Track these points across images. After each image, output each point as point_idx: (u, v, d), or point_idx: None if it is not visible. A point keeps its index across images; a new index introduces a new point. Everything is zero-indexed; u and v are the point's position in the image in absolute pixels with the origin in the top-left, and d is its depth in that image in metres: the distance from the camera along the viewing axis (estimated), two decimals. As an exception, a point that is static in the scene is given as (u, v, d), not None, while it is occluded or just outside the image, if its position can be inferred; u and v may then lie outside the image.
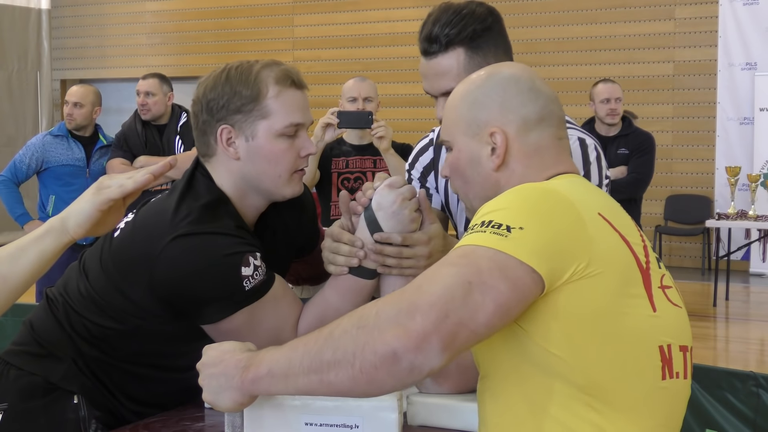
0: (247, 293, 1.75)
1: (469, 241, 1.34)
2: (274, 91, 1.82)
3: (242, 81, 1.82)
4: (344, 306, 1.77)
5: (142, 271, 1.77)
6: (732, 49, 8.95)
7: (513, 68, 1.57)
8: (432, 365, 1.25)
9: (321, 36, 10.23)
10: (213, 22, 11.43)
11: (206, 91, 1.85)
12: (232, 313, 1.77)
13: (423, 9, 11.54)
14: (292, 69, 1.89)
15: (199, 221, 1.77)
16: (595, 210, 1.40)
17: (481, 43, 2.04)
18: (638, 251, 1.41)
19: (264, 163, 1.84)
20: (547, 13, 9.64)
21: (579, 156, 1.95)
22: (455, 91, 1.57)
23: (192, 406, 1.88)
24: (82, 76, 12.20)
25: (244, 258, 1.74)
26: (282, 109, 1.83)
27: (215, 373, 1.42)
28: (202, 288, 1.75)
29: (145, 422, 1.81)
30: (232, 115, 1.83)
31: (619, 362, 1.34)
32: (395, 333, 1.25)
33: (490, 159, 1.50)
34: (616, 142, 5.55)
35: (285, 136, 1.84)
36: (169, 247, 1.74)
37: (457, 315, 1.26)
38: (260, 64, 1.86)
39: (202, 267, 1.74)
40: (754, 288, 8.47)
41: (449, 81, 2.02)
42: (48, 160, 5.37)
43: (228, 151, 1.84)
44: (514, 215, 1.33)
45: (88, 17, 12.38)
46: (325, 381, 1.30)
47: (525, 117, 1.50)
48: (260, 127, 1.82)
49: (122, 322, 1.84)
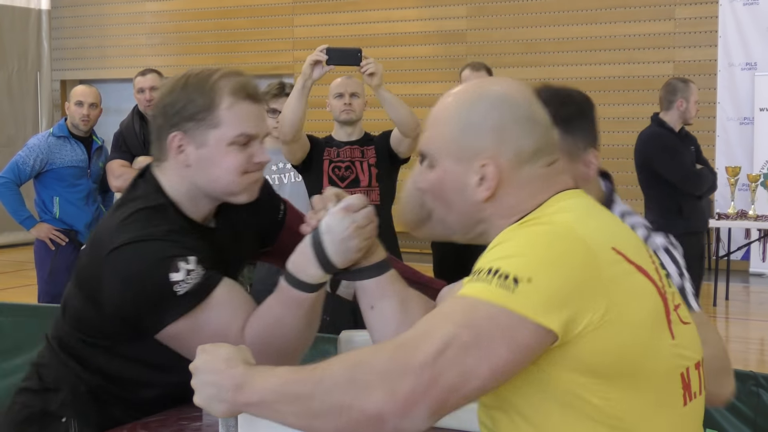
0: (180, 299, 1.73)
1: (472, 291, 1.27)
2: (227, 102, 1.82)
3: (198, 89, 1.83)
4: (287, 317, 1.74)
5: (96, 289, 1.81)
6: (732, 49, 8.95)
7: (510, 88, 1.45)
8: (417, 428, 1.24)
9: (321, 36, 10.21)
10: (213, 22, 11.42)
11: (164, 96, 1.87)
12: (172, 320, 1.75)
13: (423, 9, 11.61)
14: (250, 81, 1.89)
15: (129, 230, 1.78)
16: (609, 244, 1.32)
17: (574, 126, 2.09)
18: (655, 278, 1.35)
19: (214, 171, 1.84)
20: (547, 13, 9.63)
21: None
22: (446, 104, 1.47)
23: (189, 406, 1.88)
24: (82, 76, 12.20)
25: (171, 264, 1.72)
26: (233, 119, 1.83)
27: (209, 381, 1.40)
28: (136, 299, 1.75)
29: (143, 422, 1.81)
30: (185, 122, 1.83)
31: (644, 398, 1.30)
32: (383, 394, 1.22)
33: (477, 189, 1.40)
34: (686, 140, 5.53)
35: (236, 144, 1.83)
36: (105, 265, 1.77)
37: (449, 380, 1.22)
38: (219, 74, 1.85)
39: (132, 278, 1.74)
40: (754, 288, 8.47)
41: None
42: (52, 162, 5.34)
43: (179, 157, 1.84)
44: (522, 264, 1.25)
45: (88, 17, 12.37)
46: (313, 426, 1.30)
47: (520, 150, 1.41)
48: (211, 136, 1.82)
49: (105, 339, 1.87)
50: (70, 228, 5.38)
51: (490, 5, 9.86)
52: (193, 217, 1.89)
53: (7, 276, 9.76)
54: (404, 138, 4.19)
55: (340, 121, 4.33)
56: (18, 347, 4.45)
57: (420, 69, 9.99)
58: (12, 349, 4.45)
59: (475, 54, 9.79)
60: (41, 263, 5.43)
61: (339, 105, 4.31)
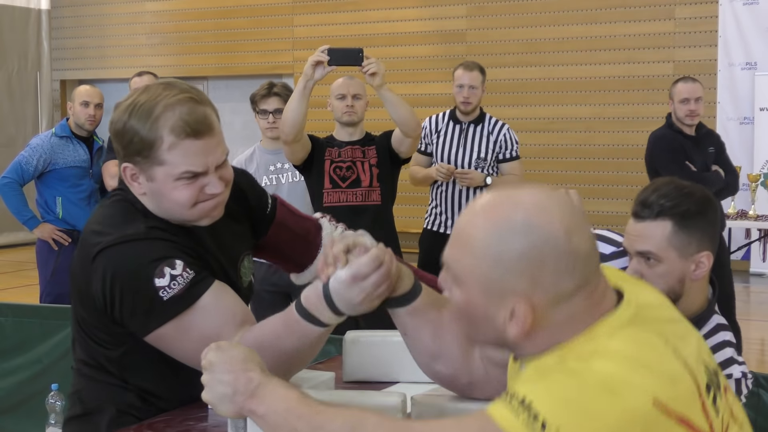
0: (166, 303, 1.73)
1: (498, 415, 1.21)
2: (168, 141, 1.76)
3: (141, 123, 1.77)
4: (289, 340, 1.72)
5: (87, 292, 1.81)
6: (732, 49, 8.95)
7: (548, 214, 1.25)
8: None
9: (321, 36, 10.21)
10: (213, 22, 11.42)
11: (114, 121, 1.82)
12: (158, 325, 1.75)
13: (423, 9, 11.59)
14: (194, 114, 1.78)
15: (114, 228, 1.79)
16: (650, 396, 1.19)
17: (690, 224, 2.12)
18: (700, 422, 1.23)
19: (165, 203, 1.82)
20: (547, 13, 9.64)
21: None
22: (474, 225, 1.29)
23: (195, 406, 1.89)
24: (82, 76, 12.20)
25: (156, 269, 1.72)
26: (176, 159, 1.77)
27: (224, 380, 1.42)
28: (122, 302, 1.76)
29: (149, 422, 1.82)
30: (133, 156, 1.80)
31: None
32: None
33: (507, 324, 1.27)
34: (702, 142, 5.39)
35: (183, 179, 1.79)
36: (92, 267, 1.77)
37: None
38: (163, 104, 1.77)
39: (117, 282, 1.75)
40: (754, 288, 8.47)
41: (648, 246, 2.13)
42: (55, 162, 5.35)
43: (134, 185, 1.83)
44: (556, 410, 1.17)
45: (88, 17, 12.37)
46: None
47: (558, 291, 1.25)
48: (157, 171, 1.79)
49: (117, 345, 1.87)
50: (73, 228, 5.38)
51: (490, 5, 9.86)
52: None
53: (8, 276, 9.76)
54: (405, 138, 4.19)
55: (342, 122, 4.34)
56: (19, 347, 4.45)
57: (420, 69, 9.99)
58: (13, 349, 4.45)
59: (475, 54, 9.79)
60: (44, 263, 5.43)
61: (341, 106, 4.30)
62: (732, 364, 2.16)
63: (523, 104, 9.71)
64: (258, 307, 3.37)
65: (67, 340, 4.34)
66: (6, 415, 4.44)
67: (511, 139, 5.18)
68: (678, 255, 2.11)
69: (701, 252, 2.13)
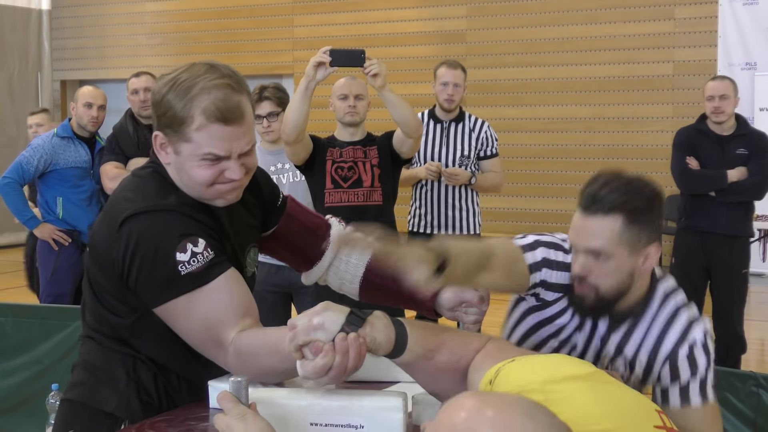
0: (182, 278, 1.77)
1: None
2: (198, 122, 1.82)
3: (178, 98, 1.84)
4: (283, 364, 1.71)
5: (108, 260, 1.84)
6: (732, 49, 8.95)
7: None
8: None
9: (321, 36, 10.23)
10: (213, 22, 11.43)
11: (156, 91, 1.89)
12: (171, 298, 1.79)
13: (423, 9, 11.56)
14: (228, 101, 1.83)
15: (145, 196, 1.85)
16: None
17: (640, 219, 2.07)
18: None
19: (185, 177, 1.89)
20: (547, 13, 9.64)
21: None
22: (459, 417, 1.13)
23: (197, 406, 1.89)
24: (83, 76, 12.21)
25: (180, 243, 1.78)
26: (202, 140, 1.83)
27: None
28: (141, 269, 1.80)
29: (150, 421, 1.82)
30: (164, 127, 1.87)
31: None
32: None
33: None
34: (733, 142, 5.36)
35: (206, 160, 1.85)
36: (117, 233, 1.82)
37: None
38: (201, 86, 1.83)
39: (140, 249, 1.79)
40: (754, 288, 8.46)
41: (599, 242, 2.07)
42: (56, 162, 5.35)
43: (161, 154, 1.90)
44: None
45: (89, 18, 12.37)
46: None
47: None
48: (183, 147, 1.86)
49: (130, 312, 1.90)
50: (74, 228, 5.39)
51: (490, 5, 9.86)
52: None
53: (8, 276, 9.76)
54: (407, 138, 4.20)
55: (344, 122, 4.34)
56: (19, 347, 4.46)
57: (420, 69, 9.99)
58: (12, 349, 4.46)
59: (475, 54, 9.80)
60: (44, 263, 5.44)
61: (343, 107, 4.31)
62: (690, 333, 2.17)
63: (523, 104, 9.71)
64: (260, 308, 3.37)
65: (67, 340, 4.35)
66: (6, 415, 4.44)
67: (492, 136, 5.21)
68: (629, 251, 2.07)
69: (650, 245, 2.09)
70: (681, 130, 5.57)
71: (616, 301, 2.14)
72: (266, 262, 4.42)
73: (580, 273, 2.11)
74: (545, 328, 2.29)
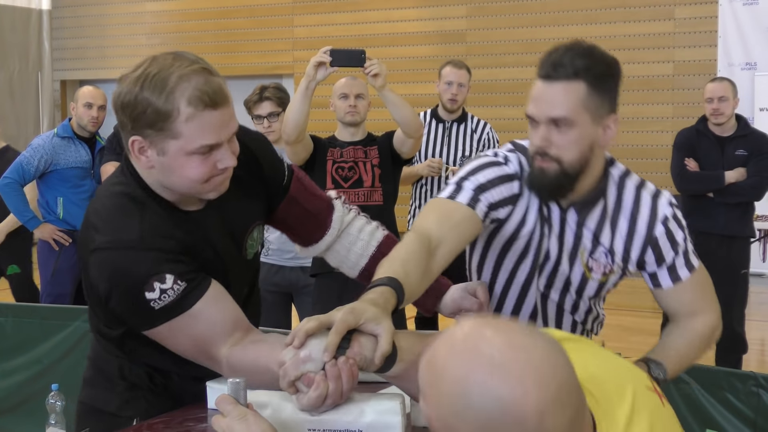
0: (157, 312, 1.74)
1: None
2: (186, 113, 1.71)
3: (155, 94, 1.71)
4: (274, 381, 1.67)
5: (90, 283, 1.84)
6: (732, 49, 8.95)
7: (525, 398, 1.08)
8: None
9: (321, 36, 10.22)
10: (213, 22, 11.42)
11: (122, 94, 1.75)
12: (150, 328, 1.78)
13: (423, 9, 11.56)
14: (211, 85, 1.75)
15: (108, 225, 1.78)
16: None
17: (602, 86, 2.03)
18: None
19: (176, 177, 1.78)
20: (547, 13, 9.64)
21: None
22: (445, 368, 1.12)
23: (195, 407, 1.89)
24: (83, 76, 12.20)
25: (146, 283, 1.71)
26: (193, 132, 1.72)
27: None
28: (117, 303, 1.78)
29: (148, 422, 1.82)
30: (144, 128, 1.73)
31: None
32: None
33: None
34: (733, 143, 5.37)
35: (198, 153, 1.75)
36: (89, 261, 1.79)
37: None
38: (177, 75, 1.72)
39: (110, 285, 1.76)
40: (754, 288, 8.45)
41: (562, 110, 2.01)
42: (57, 162, 5.36)
43: (141, 158, 1.78)
44: None
45: (89, 18, 12.37)
46: None
47: None
48: (171, 146, 1.73)
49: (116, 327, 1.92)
50: (74, 229, 5.39)
51: (490, 5, 9.86)
52: (173, 201, 1.85)
53: (8, 276, 9.74)
54: (407, 138, 4.20)
55: (345, 122, 4.34)
56: (19, 347, 4.46)
57: (420, 69, 9.99)
58: (13, 349, 4.46)
59: (475, 54, 9.79)
60: (44, 264, 5.44)
61: (344, 106, 4.31)
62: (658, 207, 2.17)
63: (523, 104, 9.60)
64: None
65: (67, 340, 4.35)
66: (6, 415, 4.44)
67: (493, 138, 5.21)
68: (591, 119, 2.01)
69: (610, 115, 2.04)
70: (681, 132, 5.60)
71: (577, 177, 2.06)
72: (266, 262, 4.43)
73: (541, 145, 2.05)
74: (513, 247, 2.19)
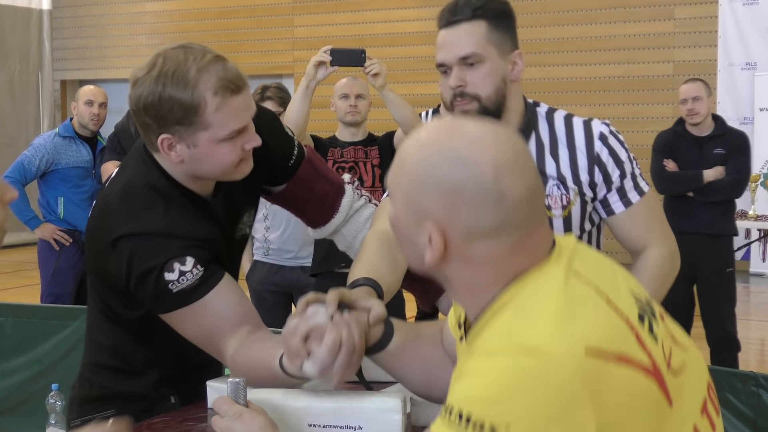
0: (175, 295, 1.78)
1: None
2: (213, 103, 1.75)
3: (180, 90, 1.74)
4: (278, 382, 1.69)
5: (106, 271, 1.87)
6: (732, 49, 8.95)
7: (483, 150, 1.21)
8: None
9: (321, 36, 10.23)
10: (213, 23, 11.43)
11: (142, 95, 1.78)
12: (165, 311, 1.82)
13: (423, 9, 11.59)
14: (230, 72, 1.78)
15: (131, 215, 1.82)
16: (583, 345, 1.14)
17: (502, 23, 2.14)
18: (638, 355, 1.19)
19: (207, 165, 1.83)
20: (547, 13, 9.64)
21: None
22: (411, 146, 1.27)
23: (195, 407, 1.89)
24: (83, 76, 12.21)
25: (167, 264, 1.76)
26: (223, 120, 1.77)
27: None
28: (136, 287, 1.81)
29: (148, 422, 1.82)
30: (172, 126, 1.77)
31: None
32: None
33: (427, 248, 1.23)
34: (711, 142, 5.42)
35: (227, 140, 1.80)
36: (109, 248, 1.82)
37: None
38: (196, 68, 1.75)
39: (131, 271, 1.79)
40: (754, 288, 8.48)
41: (469, 46, 2.11)
42: (57, 162, 5.36)
43: (170, 154, 1.82)
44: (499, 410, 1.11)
45: (89, 18, 12.38)
46: None
47: (473, 229, 1.20)
48: (201, 137, 1.78)
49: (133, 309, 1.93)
50: (75, 228, 5.39)
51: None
52: (195, 190, 1.90)
53: (8, 276, 9.77)
54: None
55: (346, 122, 4.34)
56: (19, 347, 4.46)
57: (420, 69, 9.99)
58: (13, 349, 4.46)
59: (476, 54, 9.80)
60: (45, 263, 5.44)
61: (344, 106, 4.31)
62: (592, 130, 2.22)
63: (523, 104, 9.71)
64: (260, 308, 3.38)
65: (67, 340, 4.35)
66: (6, 415, 4.44)
67: None
68: (498, 53, 2.12)
69: (514, 51, 2.15)
70: (659, 134, 5.67)
71: (499, 113, 2.14)
72: (266, 262, 4.43)
73: (457, 84, 2.12)
74: None
